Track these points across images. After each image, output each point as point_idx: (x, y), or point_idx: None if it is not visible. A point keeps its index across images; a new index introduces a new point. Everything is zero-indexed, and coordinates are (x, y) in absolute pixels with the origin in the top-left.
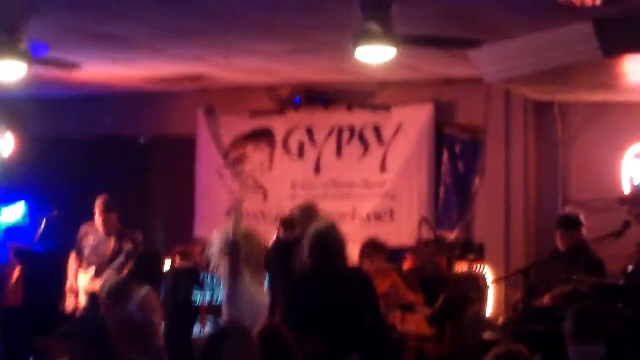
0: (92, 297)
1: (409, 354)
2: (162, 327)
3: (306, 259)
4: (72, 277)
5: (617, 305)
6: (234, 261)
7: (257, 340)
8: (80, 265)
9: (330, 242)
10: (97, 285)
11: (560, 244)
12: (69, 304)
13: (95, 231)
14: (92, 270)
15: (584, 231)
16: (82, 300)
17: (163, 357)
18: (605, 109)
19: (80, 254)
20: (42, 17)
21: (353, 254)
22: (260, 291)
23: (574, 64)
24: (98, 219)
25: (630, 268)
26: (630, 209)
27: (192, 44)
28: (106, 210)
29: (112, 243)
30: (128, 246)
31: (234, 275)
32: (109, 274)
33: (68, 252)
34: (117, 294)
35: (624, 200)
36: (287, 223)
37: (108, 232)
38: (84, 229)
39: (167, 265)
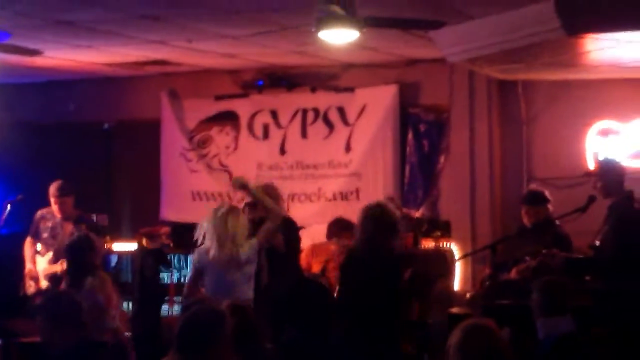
0: (53, 278)
1: None
2: (130, 306)
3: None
4: (29, 261)
5: (585, 279)
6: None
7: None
8: (37, 250)
9: (384, 220)
10: (56, 267)
11: (526, 220)
12: (29, 287)
13: (52, 216)
14: (50, 254)
15: (550, 207)
16: (43, 284)
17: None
18: (568, 86)
19: (36, 238)
20: (3, 4)
21: (320, 233)
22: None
23: (536, 43)
24: (53, 205)
25: (597, 242)
26: (594, 183)
27: (155, 29)
28: (60, 195)
29: (69, 227)
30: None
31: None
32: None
33: None
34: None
35: (589, 174)
36: (251, 204)
37: (65, 217)
38: (40, 213)
39: (134, 246)
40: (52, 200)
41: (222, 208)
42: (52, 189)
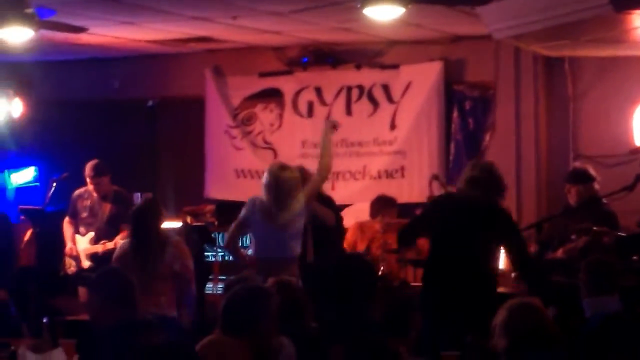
0: (95, 258)
1: None
2: None
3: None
4: (69, 240)
5: (632, 258)
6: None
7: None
8: (76, 229)
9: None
10: (98, 247)
11: (570, 198)
12: (69, 266)
13: (89, 194)
14: (91, 234)
15: (596, 185)
16: (85, 263)
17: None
18: (615, 63)
19: (75, 217)
20: None
21: (365, 211)
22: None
23: (583, 19)
24: (89, 185)
25: None
26: None
27: (199, 5)
28: (95, 175)
29: (108, 206)
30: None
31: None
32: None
33: None
34: None
35: (636, 151)
36: None
37: (102, 196)
38: (77, 192)
39: (179, 224)
40: (88, 180)
41: (274, 165)
42: (87, 169)
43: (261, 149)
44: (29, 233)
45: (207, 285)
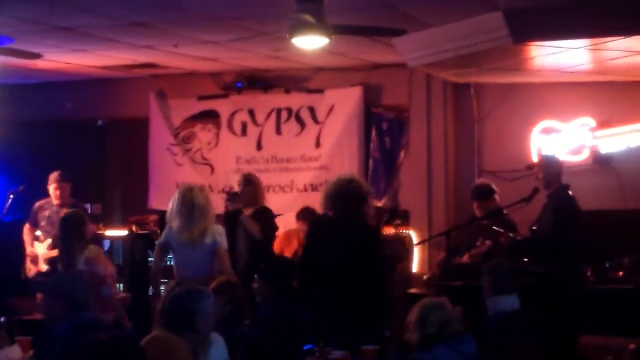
0: (51, 261)
1: None
2: (121, 287)
3: (324, 207)
4: (29, 245)
5: (525, 260)
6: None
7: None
8: (35, 236)
9: (349, 192)
10: (54, 253)
11: (477, 212)
12: (29, 270)
13: (50, 205)
14: (49, 240)
15: (497, 197)
16: (43, 267)
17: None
18: (515, 89)
19: (35, 225)
20: (6, 11)
21: (293, 221)
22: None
23: (487, 49)
24: (54, 190)
25: (534, 227)
26: (537, 174)
27: (144, 35)
28: (61, 179)
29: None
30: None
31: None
32: None
33: None
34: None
35: (531, 167)
36: (231, 195)
37: (62, 203)
38: (38, 204)
39: (125, 232)
40: (53, 185)
41: (185, 187)
42: (53, 175)
43: (200, 165)
44: None
45: (149, 288)
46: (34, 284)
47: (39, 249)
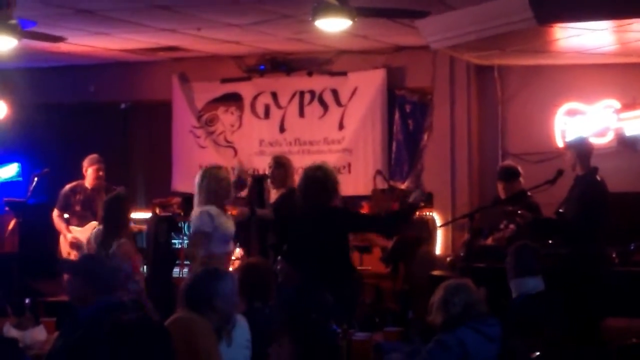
0: (76, 245)
1: (367, 290)
2: (145, 269)
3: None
4: (66, 231)
5: (550, 242)
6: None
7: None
8: (69, 221)
9: (317, 179)
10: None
11: (501, 193)
12: (70, 255)
13: (82, 188)
14: (91, 223)
15: (522, 180)
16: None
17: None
18: (539, 71)
19: (65, 209)
20: None
21: None
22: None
23: (510, 31)
24: (97, 172)
25: (561, 210)
26: (567, 157)
27: (166, 18)
28: (103, 162)
29: (103, 197)
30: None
31: None
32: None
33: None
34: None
35: (557, 149)
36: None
37: (99, 185)
38: (68, 187)
39: (149, 214)
40: (95, 167)
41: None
42: (94, 157)
43: (222, 147)
44: (12, 223)
45: (174, 270)
46: (62, 265)
47: (81, 235)
